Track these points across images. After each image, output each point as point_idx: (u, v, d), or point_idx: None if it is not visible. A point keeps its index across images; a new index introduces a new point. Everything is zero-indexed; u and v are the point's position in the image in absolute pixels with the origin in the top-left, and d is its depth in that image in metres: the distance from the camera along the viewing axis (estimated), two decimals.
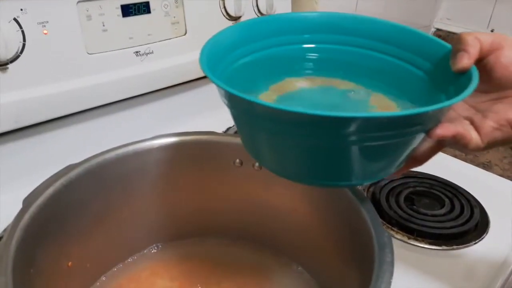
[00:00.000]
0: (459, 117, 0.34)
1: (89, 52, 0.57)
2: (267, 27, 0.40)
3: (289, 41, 0.41)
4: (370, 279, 0.30)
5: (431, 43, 0.37)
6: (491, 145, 0.33)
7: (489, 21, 1.16)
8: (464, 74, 0.33)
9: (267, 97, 0.37)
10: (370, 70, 0.40)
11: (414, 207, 0.58)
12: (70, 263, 0.40)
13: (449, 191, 0.60)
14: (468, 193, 0.60)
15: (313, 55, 0.41)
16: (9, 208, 0.50)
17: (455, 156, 0.73)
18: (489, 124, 0.32)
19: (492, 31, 1.16)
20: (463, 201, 0.59)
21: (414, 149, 0.33)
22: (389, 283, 0.28)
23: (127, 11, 0.60)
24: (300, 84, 0.40)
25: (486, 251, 0.52)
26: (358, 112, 0.35)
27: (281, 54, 0.40)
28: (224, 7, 0.69)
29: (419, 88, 0.38)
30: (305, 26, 0.41)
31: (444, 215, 0.56)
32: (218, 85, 0.30)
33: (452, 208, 0.57)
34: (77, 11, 0.55)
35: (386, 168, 0.33)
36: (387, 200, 0.58)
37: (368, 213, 0.34)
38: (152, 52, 0.63)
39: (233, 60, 0.38)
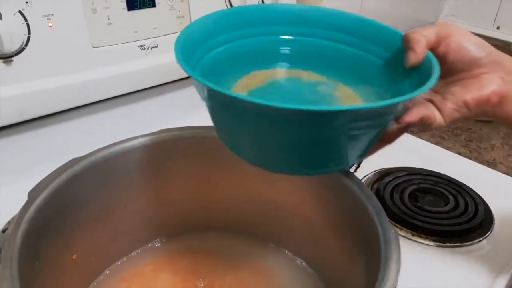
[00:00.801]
0: (421, 99, 0.36)
1: (94, 46, 0.57)
2: (239, 18, 0.40)
3: (259, 32, 0.41)
4: (375, 275, 0.30)
5: (387, 32, 0.39)
6: (452, 122, 0.36)
7: (495, 18, 1.15)
8: (424, 63, 0.35)
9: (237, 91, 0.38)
10: (336, 61, 0.41)
11: (418, 204, 0.57)
12: (74, 256, 0.40)
13: (453, 189, 0.60)
14: (473, 190, 0.60)
15: (283, 47, 0.42)
16: (13, 200, 0.51)
17: (460, 154, 0.73)
18: (449, 106, 0.35)
19: (498, 28, 1.15)
20: (468, 199, 0.58)
21: (382, 134, 0.35)
22: (396, 280, 0.28)
23: (132, 4, 0.59)
24: (266, 77, 0.40)
25: (491, 249, 0.52)
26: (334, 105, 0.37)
27: (251, 46, 0.41)
28: (229, 1, 0.68)
29: (382, 76, 0.39)
30: (272, 18, 0.41)
31: (448, 212, 0.56)
32: (196, 79, 0.31)
33: (457, 205, 0.57)
34: (82, 4, 0.55)
35: (356, 154, 0.35)
36: (391, 196, 0.58)
37: (374, 209, 0.34)
38: (157, 46, 0.62)
39: (207, 50, 0.38)
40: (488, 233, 0.54)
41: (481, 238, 0.53)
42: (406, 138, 0.77)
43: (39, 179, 0.36)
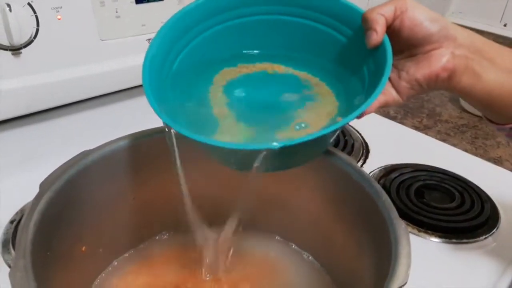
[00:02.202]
0: None
1: (102, 39, 0.57)
2: (203, 10, 0.39)
3: (226, 18, 0.40)
4: (385, 270, 0.30)
5: (350, 10, 0.38)
6: (408, 99, 0.38)
7: (502, 15, 1.14)
8: (380, 50, 0.35)
9: (215, 90, 0.40)
10: (303, 42, 0.41)
11: (425, 200, 0.58)
12: (84, 248, 0.40)
13: (459, 185, 0.60)
14: (479, 187, 0.60)
15: (250, 32, 0.42)
16: (18, 192, 0.51)
17: (466, 151, 0.73)
18: (403, 85, 0.36)
19: (505, 25, 1.14)
20: (474, 196, 0.58)
21: None
22: (407, 275, 0.28)
23: None
24: (235, 75, 0.42)
25: (496, 246, 0.52)
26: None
27: (218, 35, 0.41)
28: None
29: (345, 57, 0.39)
30: (231, 3, 0.40)
31: (454, 209, 0.56)
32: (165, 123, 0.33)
33: (463, 202, 0.57)
34: None
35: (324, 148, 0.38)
36: (398, 193, 0.58)
37: (384, 205, 0.34)
38: None
39: (176, 54, 0.39)
40: (494, 230, 0.54)
41: (487, 235, 0.53)
42: (412, 135, 0.78)
43: (45, 171, 0.37)
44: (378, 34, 0.35)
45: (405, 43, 0.36)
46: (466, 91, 0.36)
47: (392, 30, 0.36)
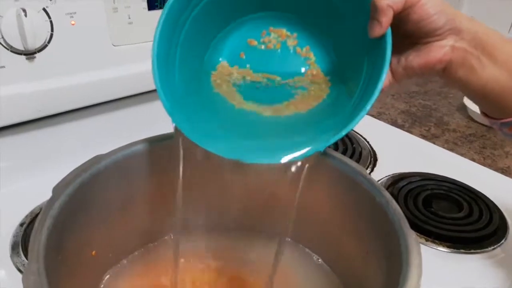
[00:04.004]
0: None
1: (115, 44, 0.58)
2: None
3: None
4: (395, 280, 0.30)
5: None
6: (400, 83, 0.39)
7: None
8: (381, 43, 0.34)
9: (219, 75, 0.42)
10: (312, 14, 0.41)
11: (432, 209, 0.57)
12: (94, 252, 0.40)
13: (467, 195, 0.60)
14: (487, 197, 0.60)
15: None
16: (27, 196, 0.51)
17: (473, 160, 0.73)
18: (399, 71, 0.37)
19: None
20: (482, 206, 0.58)
21: None
22: (418, 286, 0.28)
23: (152, 4, 0.60)
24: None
25: (505, 257, 0.52)
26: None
27: (208, 16, 0.40)
28: None
29: (351, 39, 0.39)
30: None
31: (462, 218, 0.56)
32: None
33: (471, 212, 0.57)
34: (104, 3, 0.56)
35: None
36: (405, 202, 0.58)
37: (394, 214, 0.34)
38: None
39: (175, 46, 0.39)
40: (503, 241, 0.54)
41: (495, 246, 0.53)
42: (419, 144, 0.77)
43: (56, 175, 0.37)
44: (382, 27, 0.34)
45: (409, 33, 0.36)
46: (461, 82, 0.37)
47: (397, 21, 0.35)
